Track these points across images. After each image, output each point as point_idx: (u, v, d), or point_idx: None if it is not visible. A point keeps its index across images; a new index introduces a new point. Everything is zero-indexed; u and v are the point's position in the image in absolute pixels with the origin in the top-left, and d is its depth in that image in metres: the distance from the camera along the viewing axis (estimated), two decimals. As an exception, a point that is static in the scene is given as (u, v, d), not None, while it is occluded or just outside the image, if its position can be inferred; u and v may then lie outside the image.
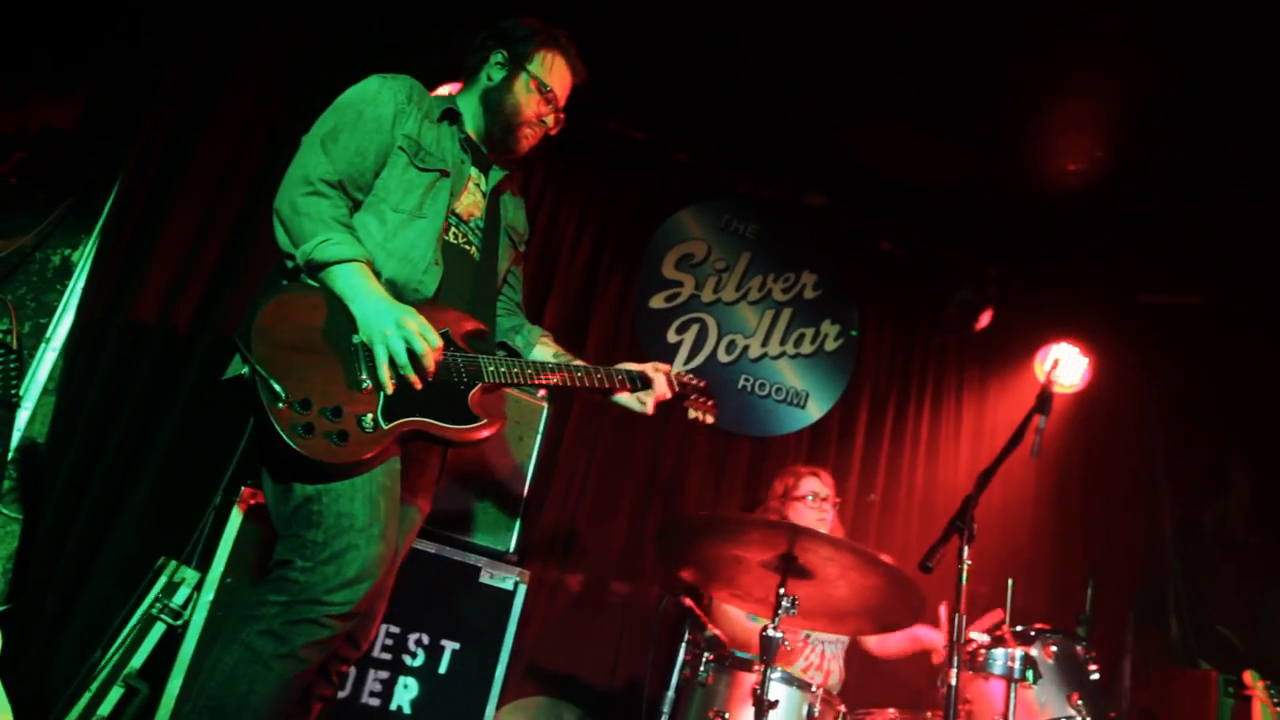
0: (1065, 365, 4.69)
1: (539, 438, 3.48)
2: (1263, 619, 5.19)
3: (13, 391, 2.97)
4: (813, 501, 3.67)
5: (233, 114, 3.94)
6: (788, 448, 4.84)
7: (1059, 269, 5.24)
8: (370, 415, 1.98)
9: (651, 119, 4.70)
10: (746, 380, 4.85)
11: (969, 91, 4.08)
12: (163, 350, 3.66)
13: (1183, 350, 5.50)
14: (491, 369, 2.22)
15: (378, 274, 2.15)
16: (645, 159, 4.76)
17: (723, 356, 4.83)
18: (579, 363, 2.49)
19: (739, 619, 3.55)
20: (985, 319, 5.08)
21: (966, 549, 2.30)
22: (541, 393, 3.50)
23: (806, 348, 5.01)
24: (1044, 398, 2.74)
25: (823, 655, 3.61)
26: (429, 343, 2.04)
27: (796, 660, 3.53)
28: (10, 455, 3.07)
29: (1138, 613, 5.28)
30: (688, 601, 3.06)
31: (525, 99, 2.42)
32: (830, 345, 5.06)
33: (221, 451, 3.59)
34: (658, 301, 4.73)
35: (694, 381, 2.62)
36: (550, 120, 2.48)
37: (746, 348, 4.88)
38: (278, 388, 1.89)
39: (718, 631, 3.07)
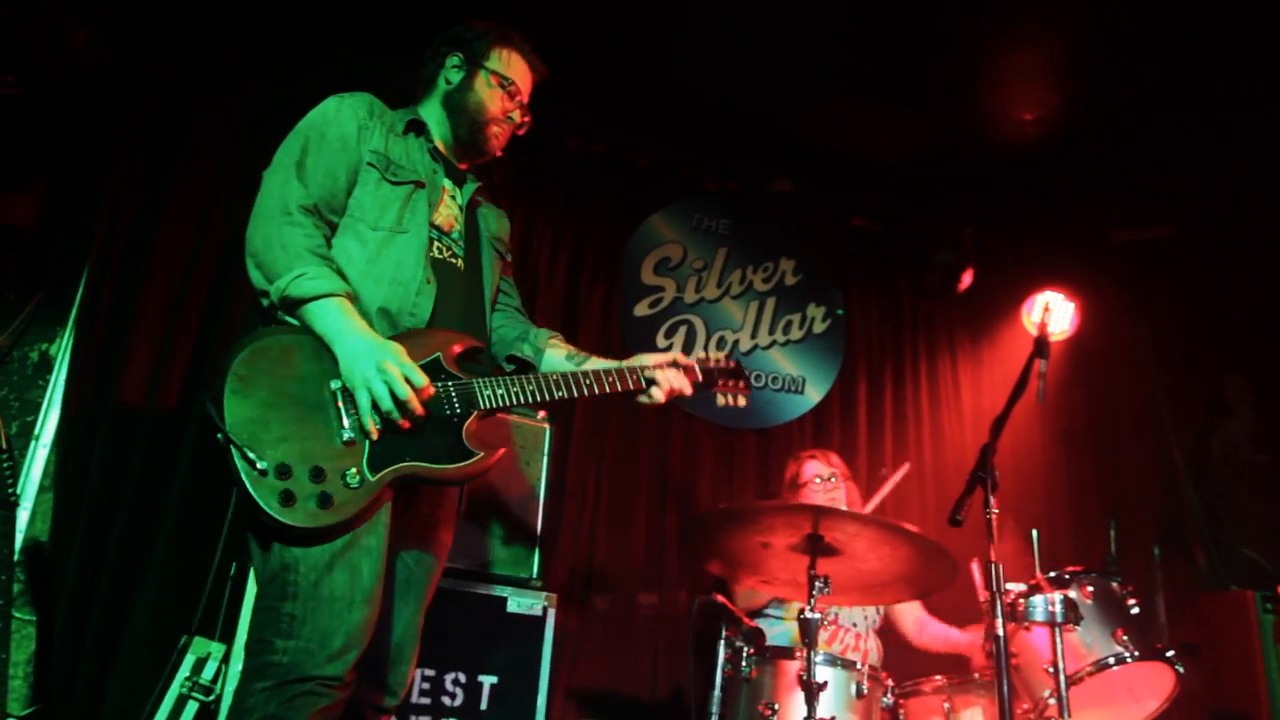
0: (1054, 312, 4.70)
1: (545, 460, 3.45)
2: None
3: (10, 492, 2.92)
4: (820, 484, 3.67)
5: (193, 185, 3.91)
6: (792, 435, 4.83)
7: (1032, 219, 5.27)
8: (354, 469, 1.86)
9: (608, 130, 4.70)
10: (742, 374, 4.83)
11: (914, 56, 4.10)
12: (155, 429, 3.62)
13: (1166, 282, 5.54)
14: (487, 393, 2.08)
15: (366, 304, 2.05)
16: (608, 170, 4.76)
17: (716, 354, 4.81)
18: (591, 365, 2.36)
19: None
20: (967, 279, 5.09)
21: (992, 498, 2.29)
22: (541, 413, 3.48)
23: (795, 333, 5.00)
24: (1041, 343, 2.74)
25: (857, 636, 3.59)
26: (414, 384, 1.92)
27: (833, 644, 3.51)
28: (16, 557, 3.01)
29: (1162, 547, 5.28)
30: (719, 598, 3.03)
31: (488, 95, 2.34)
32: (819, 328, 5.06)
33: (226, 522, 3.56)
34: (642, 309, 4.72)
35: (720, 364, 2.46)
36: (517, 116, 2.40)
37: (737, 342, 4.87)
38: (252, 456, 1.77)
39: (754, 623, 3.03)
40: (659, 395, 2.34)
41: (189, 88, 4.01)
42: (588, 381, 2.23)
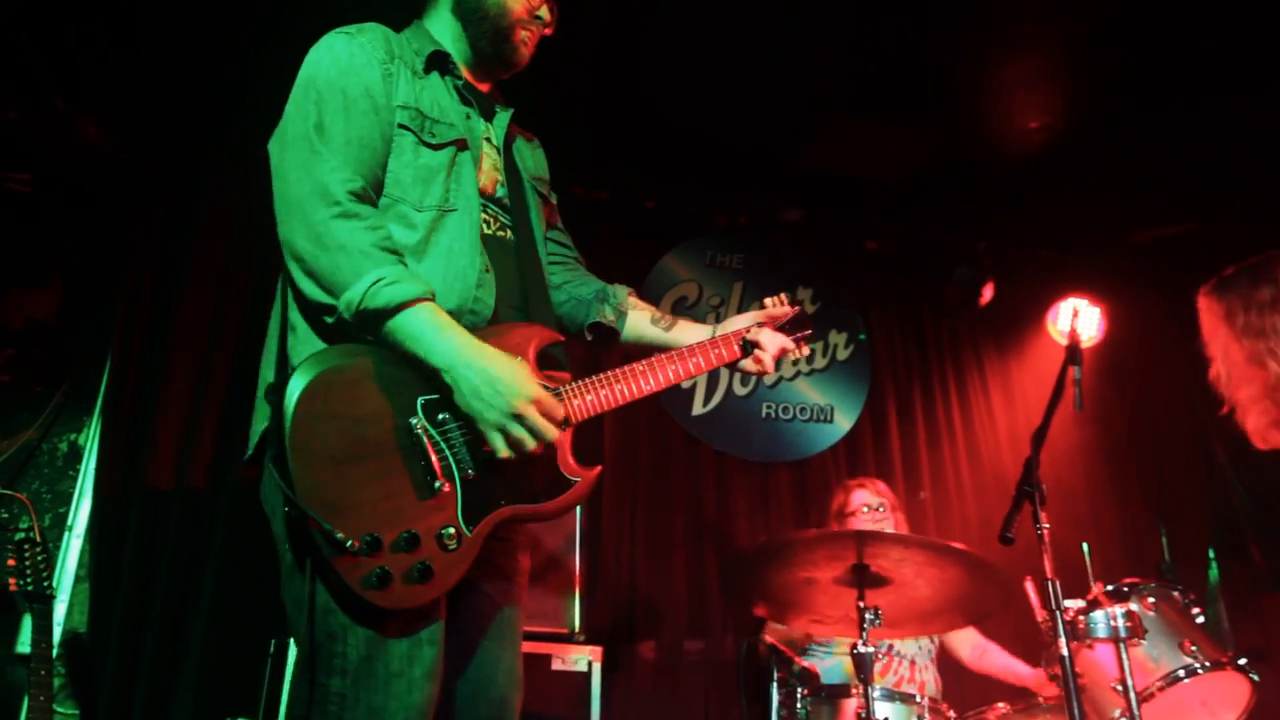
0: (1082, 318, 4.63)
1: (579, 509, 3.40)
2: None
3: (45, 584, 2.91)
4: (868, 513, 3.59)
5: (208, 264, 3.97)
6: (825, 465, 4.76)
7: (1048, 227, 5.21)
8: (451, 529, 1.56)
9: (613, 175, 4.72)
10: (769, 407, 4.78)
11: (914, 74, 4.09)
12: (186, 511, 3.62)
13: (1190, 278, 5.44)
14: (577, 403, 1.73)
15: None
16: (617, 215, 4.77)
17: (739, 389, 4.77)
18: (679, 331, 2.04)
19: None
20: (988, 293, 5.03)
21: (1041, 512, 2.22)
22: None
23: (819, 362, 4.95)
24: (1073, 350, 2.67)
25: (912, 666, 3.48)
26: (556, 429, 1.62)
27: (887, 676, 3.41)
28: (55, 651, 2.98)
29: (1216, 549, 5.13)
30: (769, 639, 2.95)
31: None
32: (842, 354, 5.01)
33: (265, 598, 3.53)
34: (663, 350, 4.69)
35: (789, 314, 2.11)
36: (545, 14, 1.94)
37: (761, 375, 4.82)
38: (339, 535, 1.46)
39: (806, 664, 2.95)
40: (768, 361, 2.02)
41: (198, 171, 4.08)
42: (673, 367, 1.87)
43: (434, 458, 1.58)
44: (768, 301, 2.10)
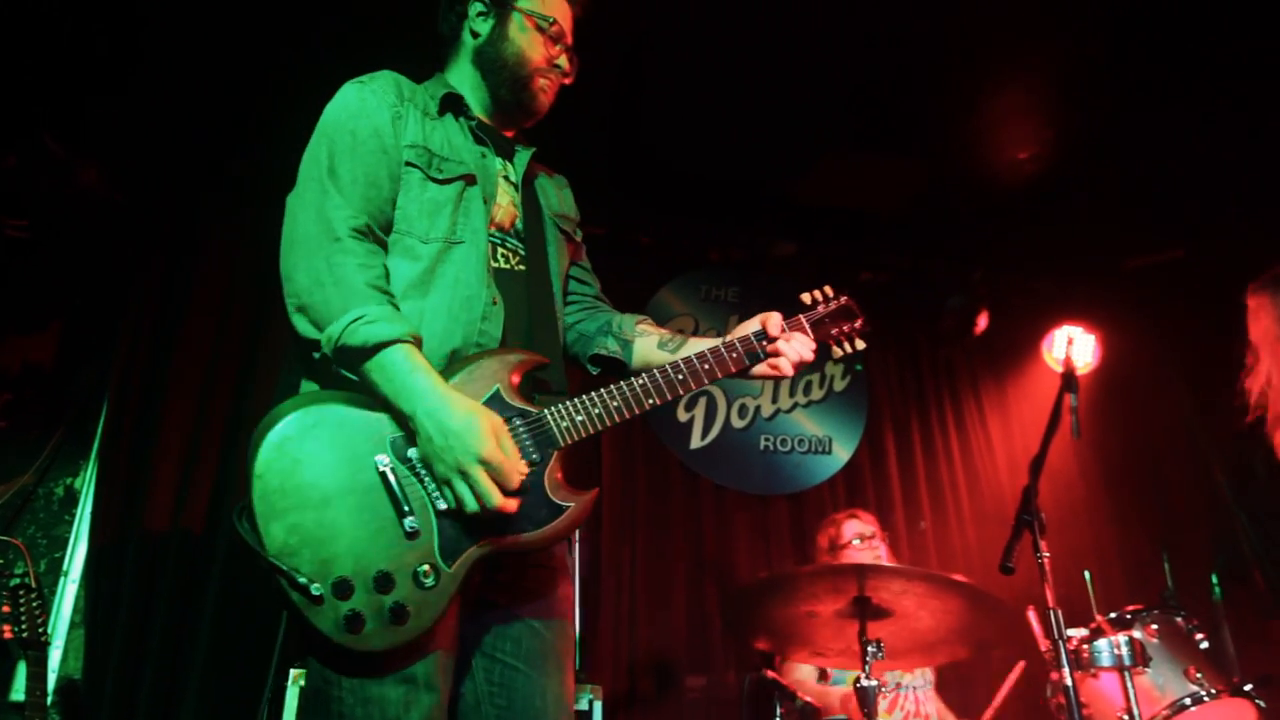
0: (1076, 345, 4.65)
1: (577, 547, 3.39)
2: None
3: (40, 631, 2.88)
4: (860, 544, 3.58)
5: (204, 309, 3.98)
6: (824, 496, 4.75)
7: (1042, 256, 5.25)
8: (427, 566, 1.53)
9: (608, 210, 4.75)
10: (767, 440, 4.78)
11: (905, 107, 4.14)
12: (183, 555, 3.60)
13: (1184, 304, 5.47)
14: (565, 424, 1.68)
15: (430, 343, 1.68)
16: (612, 251, 4.78)
17: (737, 422, 4.77)
18: (689, 350, 1.90)
19: (808, 680, 3.40)
20: (983, 321, 5.05)
21: (1041, 541, 2.21)
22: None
23: (816, 393, 4.96)
24: (1069, 377, 2.68)
25: (917, 700, 3.45)
26: (507, 486, 1.56)
27: (894, 712, 3.37)
28: (50, 699, 2.95)
29: (1220, 575, 5.10)
30: (770, 674, 2.93)
31: (527, 41, 1.93)
32: (839, 385, 5.02)
33: (263, 640, 3.50)
34: (659, 384, 4.69)
35: (833, 305, 2.05)
36: (564, 63, 1.98)
37: (758, 408, 4.83)
38: (303, 580, 1.46)
39: (808, 698, 2.92)
40: (786, 366, 1.92)
41: (196, 217, 4.11)
42: (680, 376, 1.79)
43: (404, 494, 1.56)
44: (804, 297, 2.01)
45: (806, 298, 2.00)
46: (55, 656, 3.41)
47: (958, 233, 5.05)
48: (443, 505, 1.57)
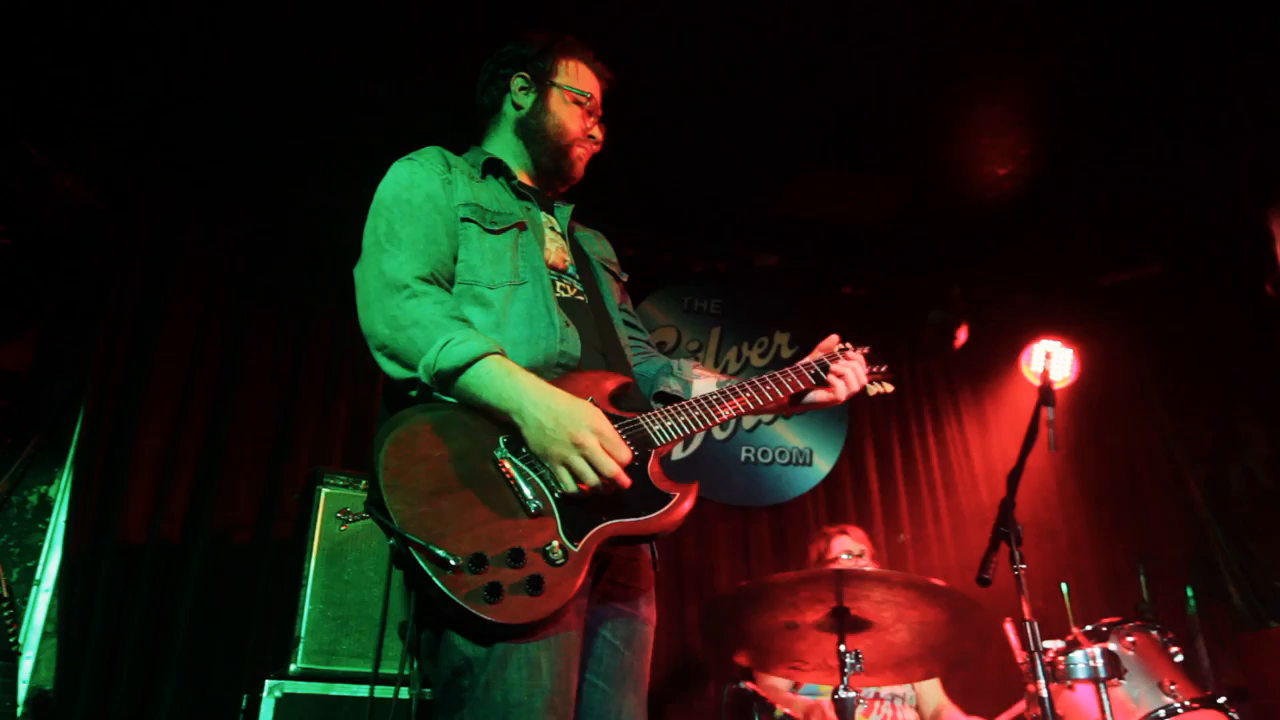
0: (1054, 359, 4.69)
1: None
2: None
3: (11, 641, 2.84)
4: (849, 560, 3.59)
5: (183, 319, 3.96)
6: (805, 508, 4.76)
7: (1020, 271, 5.31)
8: (555, 543, 1.58)
9: (591, 222, 4.75)
10: (748, 451, 4.79)
11: (886, 125, 4.18)
12: (158, 565, 3.57)
13: (1160, 320, 5.54)
14: (658, 428, 1.79)
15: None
16: (595, 262, 4.80)
17: (718, 434, 4.78)
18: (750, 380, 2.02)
19: (782, 691, 3.40)
20: (963, 335, 5.09)
21: (1018, 553, 2.23)
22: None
23: (798, 405, 4.97)
24: (1046, 391, 2.71)
25: (895, 708, 3.46)
26: (618, 457, 1.64)
27: (870, 717, 3.38)
28: (20, 710, 2.91)
29: (1195, 589, 5.15)
30: (750, 685, 2.92)
31: (567, 114, 2.11)
32: (820, 398, 5.03)
33: (236, 651, 3.47)
34: (641, 396, 4.70)
35: (863, 350, 2.20)
36: (597, 134, 2.16)
37: (739, 419, 4.84)
38: (441, 553, 1.50)
39: (788, 710, 2.92)
40: (841, 390, 2.05)
41: (174, 225, 4.09)
42: (750, 393, 1.94)
43: (523, 483, 1.63)
44: (827, 345, 2.16)
45: (832, 345, 2.14)
46: (26, 667, 3.36)
47: (938, 248, 5.09)
48: (560, 490, 1.63)
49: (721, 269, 5.08)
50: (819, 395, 2.05)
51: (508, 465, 1.65)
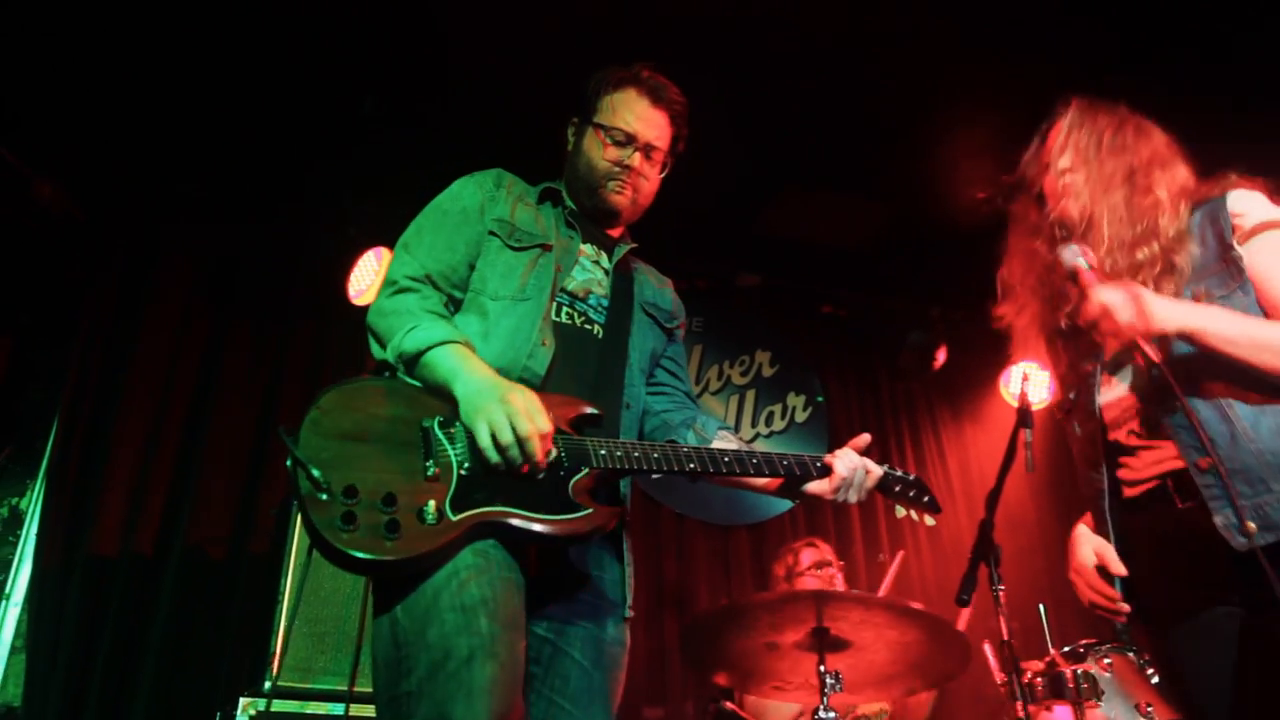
0: (1032, 381, 4.72)
1: (629, 587, 3.34)
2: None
3: (-22, 657, 2.79)
4: (818, 571, 3.60)
5: (160, 331, 3.93)
6: (784, 527, 4.76)
7: (999, 293, 5.34)
8: (433, 503, 1.60)
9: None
10: (728, 470, 4.78)
11: (867, 148, 4.22)
12: (130, 580, 3.53)
13: (1135, 343, 5.60)
14: (603, 452, 1.78)
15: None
16: (578, 279, 4.80)
17: (699, 452, 4.78)
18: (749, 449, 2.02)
19: (769, 709, 3.40)
20: (941, 357, 5.13)
21: (997, 574, 2.23)
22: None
23: (778, 424, 4.99)
24: (1024, 413, 2.71)
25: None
26: (535, 424, 1.67)
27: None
28: (-14, 727, 2.85)
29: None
30: (729, 705, 2.91)
31: (596, 153, 2.12)
32: (800, 416, 5.05)
33: (210, 668, 3.43)
34: (623, 413, 4.70)
35: (904, 474, 2.22)
36: (634, 160, 2.12)
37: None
38: (317, 474, 1.55)
39: (767, 729, 2.91)
40: (832, 482, 2.02)
41: (153, 235, 4.06)
42: (728, 460, 1.90)
43: (435, 450, 1.68)
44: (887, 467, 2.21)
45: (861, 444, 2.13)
46: (-7, 684, 3.30)
47: (918, 270, 5.13)
48: (469, 465, 1.67)
49: (703, 287, 5.09)
50: (818, 486, 2.04)
51: (431, 434, 1.70)
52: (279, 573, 2.98)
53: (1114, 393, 1.90)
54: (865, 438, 2.11)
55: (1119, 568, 1.88)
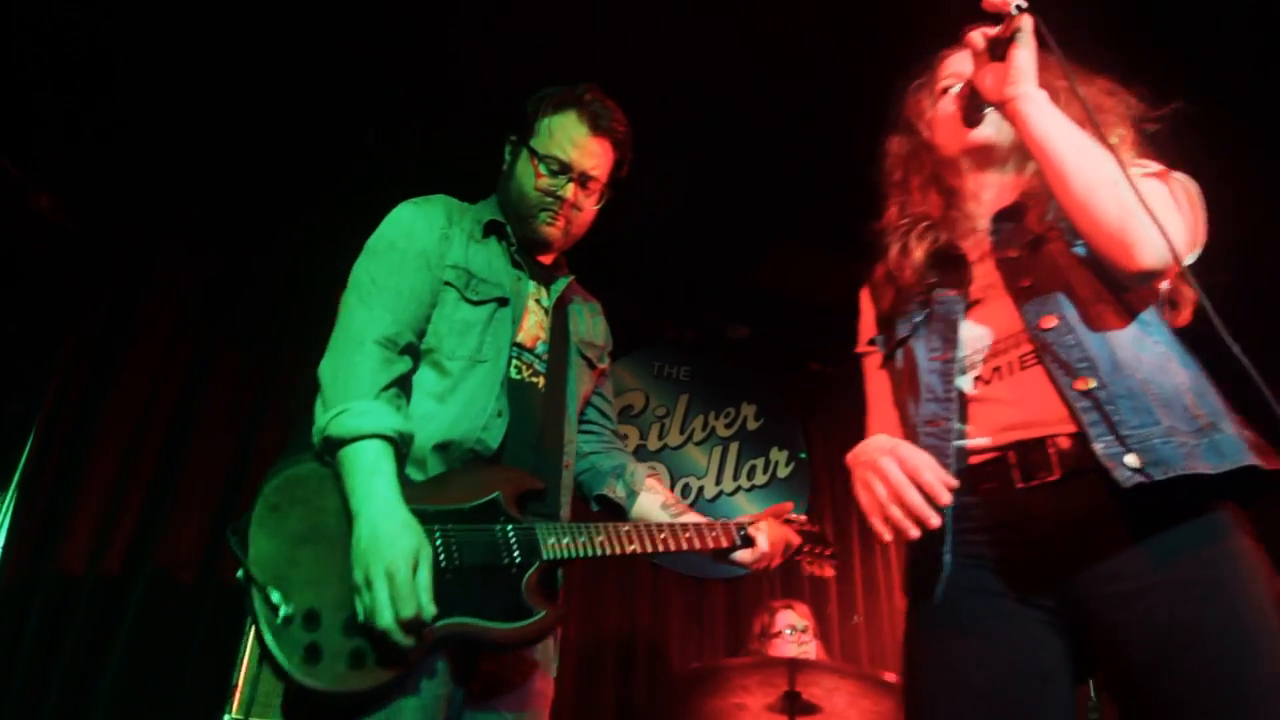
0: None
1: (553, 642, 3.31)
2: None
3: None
4: (791, 635, 3.57)
5: (146, 351, 3.90)
6: (760, 583, 4.73)
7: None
8: None
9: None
10: (707, 521, 4.77)
11: (860, 208, 4.26)
12: (94, 601, 3.47)
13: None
14: (551, 541, 1.75)
15: (424, 440, 1.75)
16: (569, 321, 4.82)
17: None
18: (685, 519, 2.01)
19: None
20: (925, 419, 5.14)
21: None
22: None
23: (760, 478, 4.98)
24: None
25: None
26: (417, 608, 1.53)
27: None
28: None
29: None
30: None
31: (529, 180, 2.01)
32: (783, 472, 5.05)
33: (169, 697, 3.36)
34: (605, 458, 4.69)
35: (810, 529, 2.18)
36: (568, 192, 2.02)
37: (701, 489, 4.83)
38: (277, 598, 1.49)
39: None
40: (751, 557, 2.00)
41: (147, 253, 4.05)
42: (663, 536, 1.88)
43: None
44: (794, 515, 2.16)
45: (783, 511, 2.14)
46: (-55, 701, 3.22)
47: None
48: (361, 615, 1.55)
49: (693, 337, 5.12)
50: (742, 556, 2.01)
51: None
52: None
53: (974, 330, 1.60)
54: (788, 505, 2.12)
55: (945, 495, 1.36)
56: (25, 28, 3.33)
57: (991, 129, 1.63)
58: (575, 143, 2.02)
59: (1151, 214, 1.33)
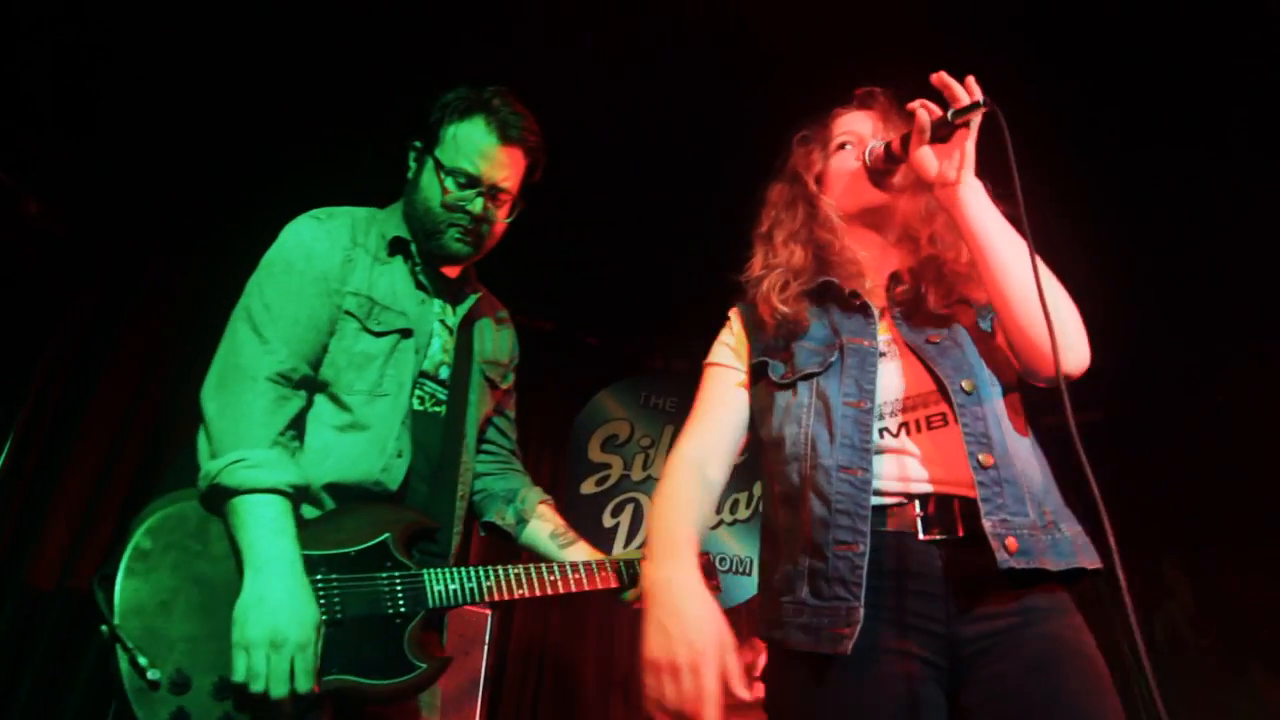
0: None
1: (485, 650, 3.29)
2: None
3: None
4: (756, 675, 3.54)
5: (128, 362, 3.87)
6: (740, 618, 4.69)
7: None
8: None
9: (558, 307, 4.79)
10: (688, 555, 4.74)
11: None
12: (63, 617, 3.41)
13: (1097, 466, 5.65)
14: (439, 589, 1.70)
15: (317, 480, 1.68)
16: (558, 347, 4.81)
17: (661, 534, 4.74)
18: (572, 553, 1.99)
19: None
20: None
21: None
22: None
23: (743, 513, 4.96)
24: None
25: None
26: (295, 685, 1.47)
27: None
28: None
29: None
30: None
31: (435, 193, 1.89)
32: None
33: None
34: (588, 486, 4.66)
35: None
36: (477, 206, 1.89)
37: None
38: (142, 661, 1.39)
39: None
40: (636, 595, 1.93)
41: (133, 263, 4.01)
42: (553, 579, 1.86)
43: None
44: None
45: None
46: (-97, 716, 3.15)
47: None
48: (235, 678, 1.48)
49: (679, 369, 5.11)
50: (631, 595, 1.96)
51: None
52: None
53: (885, 382, 1.59)
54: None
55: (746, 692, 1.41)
56: (15, 34, 3.30)
57: (893, 194, 1.68)
58: (484, 154, 1.88)
59: (1079, 321, 1.47)
